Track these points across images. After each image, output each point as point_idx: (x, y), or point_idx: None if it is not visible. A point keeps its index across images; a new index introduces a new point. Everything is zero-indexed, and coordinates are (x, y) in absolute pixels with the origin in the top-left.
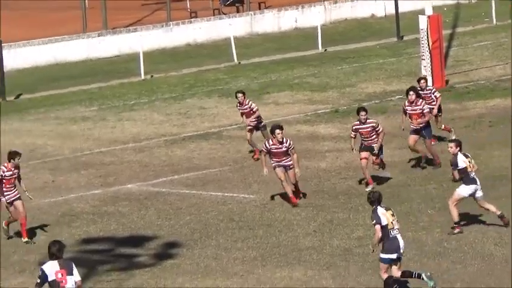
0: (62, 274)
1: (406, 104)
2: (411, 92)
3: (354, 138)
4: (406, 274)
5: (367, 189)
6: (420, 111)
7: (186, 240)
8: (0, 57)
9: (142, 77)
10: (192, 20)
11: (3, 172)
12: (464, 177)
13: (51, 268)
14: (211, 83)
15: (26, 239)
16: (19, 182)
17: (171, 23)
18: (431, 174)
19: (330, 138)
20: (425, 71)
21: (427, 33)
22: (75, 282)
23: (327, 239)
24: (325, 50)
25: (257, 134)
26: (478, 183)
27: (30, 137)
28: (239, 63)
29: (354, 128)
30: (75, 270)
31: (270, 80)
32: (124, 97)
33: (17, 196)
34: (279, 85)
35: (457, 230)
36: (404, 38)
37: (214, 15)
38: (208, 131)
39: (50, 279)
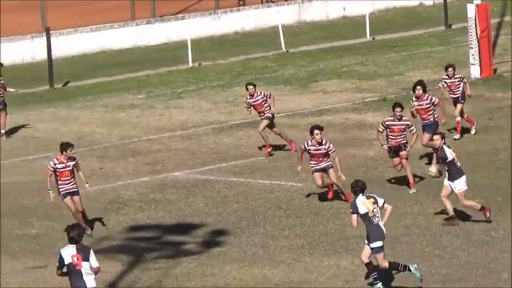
0: (77, 258)
1: (413, 99)
2: (418, 87)
3: (382, 132)
4: (393, 266)
5: (411, 192)
6: (428, 105)
7: (233, 228)
8: (48, 45)
9: (190, 64)
10: (240, 8)
11: (55, 164)
12: (453, 168)
13: (69, 252)
14: (259, 71)
15: (88, 230)
16: (77, 171)
17: (219, 11)
18: (479, 163)
19: (377, 126)
20: (473, 59)
21: (475, 22)
22: (92, 268)
23: None
24: (373, 38)
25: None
26: None
27: (78, 124)
28: (287, 51)
29: (385, 123)
30: (92, 257)
31: (318, 69)
32: (172, 85)
33: (74, 190)
34: (327, 73)
35: (486, 214)
36: (453, 27)
37: (262, 3)
38: (256, 119)
39: (66, 262)
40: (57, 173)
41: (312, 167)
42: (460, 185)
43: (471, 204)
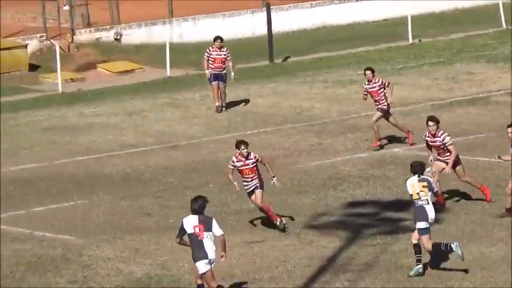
0: (199, 229)
1: None
2: None
3: None
4: (436, 247)
5: None
6: None
7: (451, 205)
8: (268, 20)
9: (410, 41)
10: None
11: (233, 162)
12: None
13: (191, 222)
14: (479, 48)
15: (277, 221)
16: (264, 165)
17: None
18: None
19: None
20: None
21: None
22: (216, 237)
23: None
24: None
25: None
26: None
27: (297, 99)
28: (507, 28)
29: None
30: (215, 227)
31: None
32: (391, 61)
33: (255, 186)
34: None
35: None
36: None
37: None
38: (475, 96)
39: (189, 231)
40: (239, 171)
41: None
42: None
43: None
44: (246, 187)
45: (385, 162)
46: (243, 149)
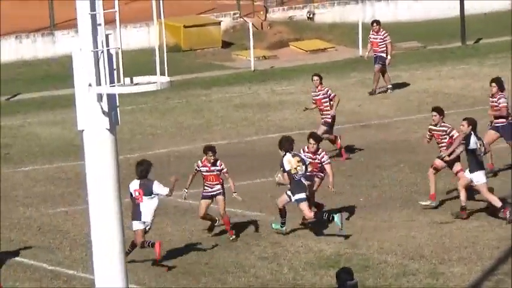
0: (138, 193)
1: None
2: (493, 84)
3: None
4: (318, 216)
5: None
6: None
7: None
8: (461, 1)
9: None
10: None
11: (198, 166)
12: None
13: (133, 186)
14: None
15: (233, 236)
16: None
17: None
18: None
19: None
20: None
21: None
22: (158, 195)
23: None
24: None
25: None
26: None
27: (488, 81)
28: None
29: None
30: (156, 189)
31: None
32: None
33: (218, 192)
34: None
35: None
36: None
37: None
38: None
39: (133, 195)
40: (203, 177)
41: None
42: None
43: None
44: (204, 192)
45: None
46: (210, 156)
